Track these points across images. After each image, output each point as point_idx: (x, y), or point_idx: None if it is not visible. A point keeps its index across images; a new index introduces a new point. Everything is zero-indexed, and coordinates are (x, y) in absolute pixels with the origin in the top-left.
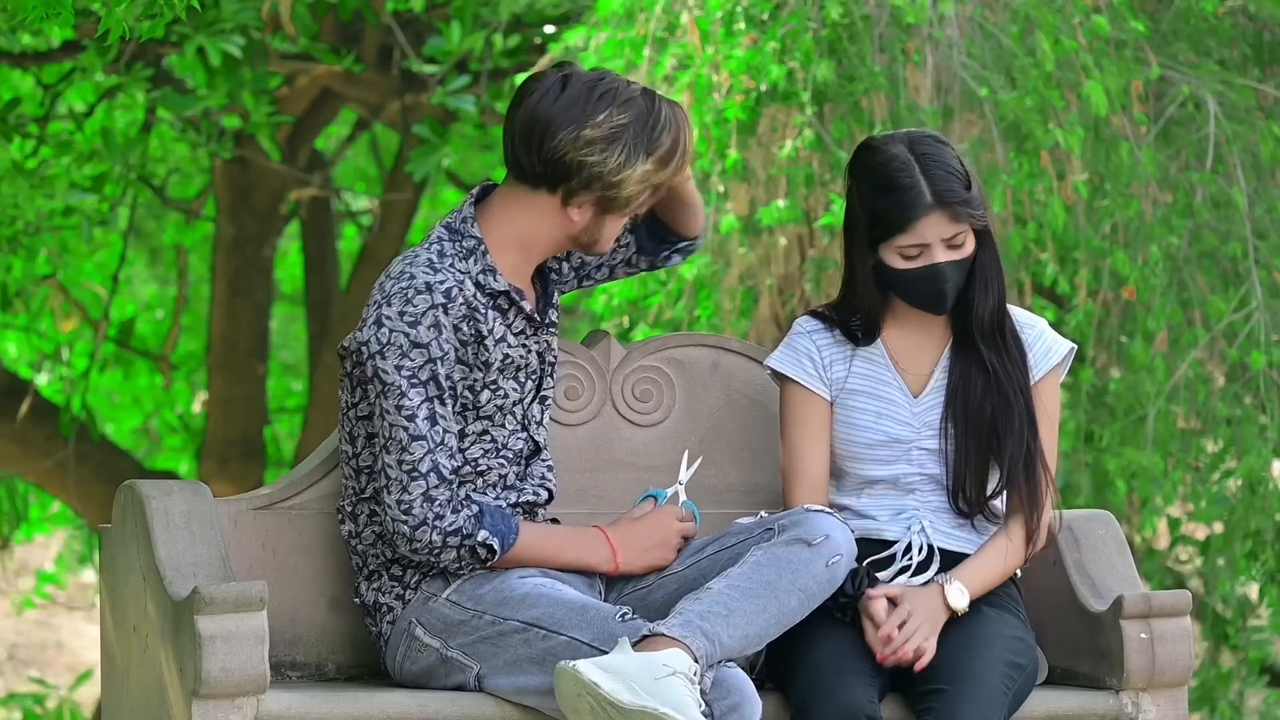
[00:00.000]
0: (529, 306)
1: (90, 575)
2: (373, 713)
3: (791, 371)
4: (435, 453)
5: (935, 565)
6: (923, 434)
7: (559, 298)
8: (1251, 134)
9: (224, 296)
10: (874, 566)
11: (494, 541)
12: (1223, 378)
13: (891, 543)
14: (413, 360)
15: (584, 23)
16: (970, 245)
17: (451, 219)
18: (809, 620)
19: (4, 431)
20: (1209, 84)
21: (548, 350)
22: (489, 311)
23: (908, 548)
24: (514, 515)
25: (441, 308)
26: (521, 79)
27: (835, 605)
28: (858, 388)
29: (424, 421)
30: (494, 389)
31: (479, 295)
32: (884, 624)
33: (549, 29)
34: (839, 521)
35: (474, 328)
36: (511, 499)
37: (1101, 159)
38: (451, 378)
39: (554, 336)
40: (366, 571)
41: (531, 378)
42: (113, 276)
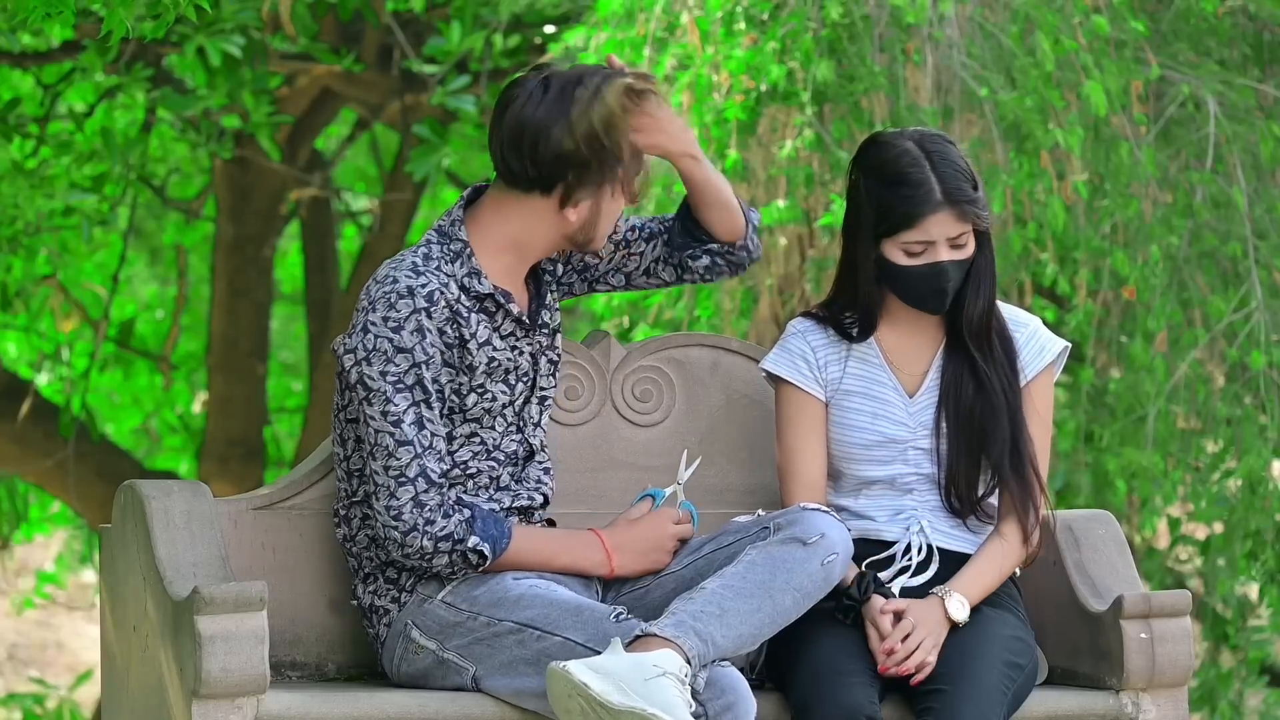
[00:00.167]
0: (516, 309)
1: (90, 575)
2: (372, 713)
3: (786, 373)
4: (423, 457)
5: (934, 565)
6: (918, 434)
7: (556, 300)
8: (1251, 134)
9: (224, 296)
10: (873, 567)
11: (485, 547)
12: (1223, 378)
13: (890, 543)
14: (397, 365)
15: (584, 23)
16: (971, 246)
17: (443, 221)
18: (809, 620)
19: (4, 431)
20: (1209, 84)
21: (544, 352)
22: (472, 315)
23: (907, 548)
24: (507, 519)
25: (424, 311)
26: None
27: (839, 608)
28: (853, 388)
29: (410, 426)
30: (481, 392)
31: (464, 298)
32: (888, 637)
33: (549, 29)
34: (835, 520)
35: (457, 331)
36: (506, 501)
37: (1101, 159)
38: (439, 380)
39: (554, 337)
40: (362, 574)
41: (523, 380)
42: (113, 276)
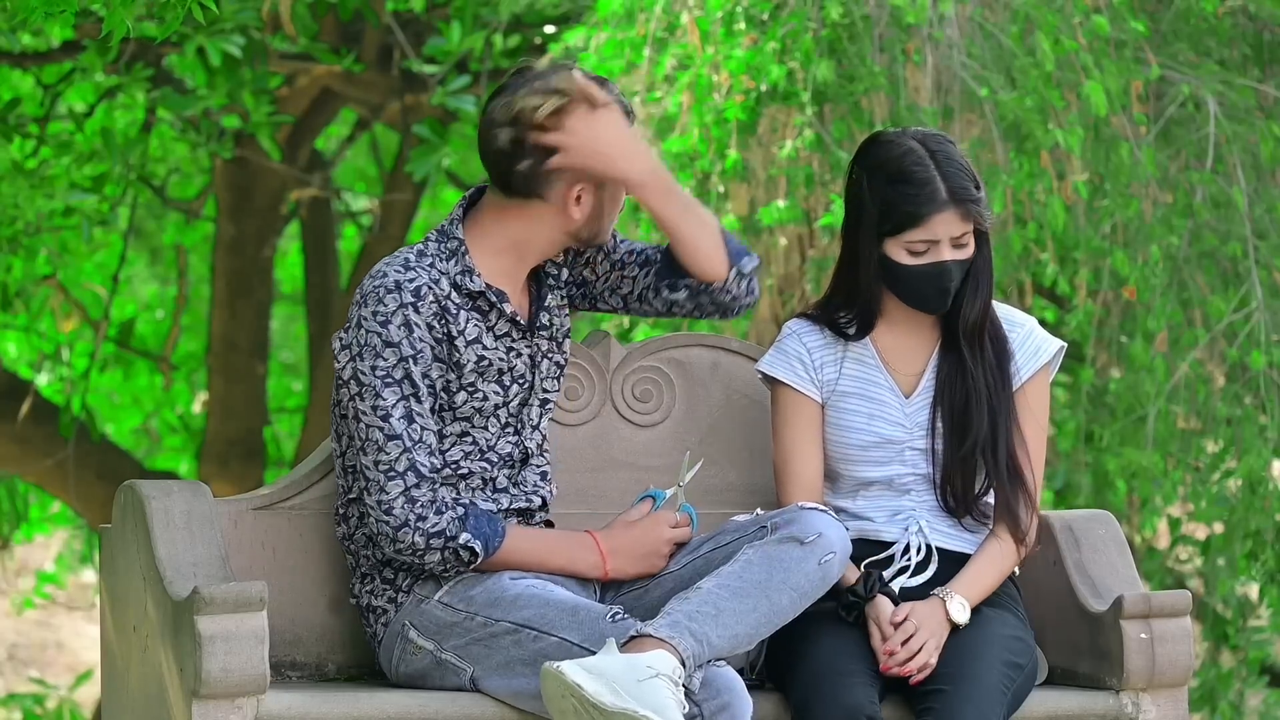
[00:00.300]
0: (510, 309)
1: (90, 575)
2: (372, 713)
3: (782, 375)
4: (412, 451)
5: (933, 565)
6: (915, 434)
7: (562, 304)
8: (1251, 134)
9: (224, 296)
10: (872, 567)
11: (476, 545)
12: (1223, 378)
13: (889, 543)
14: (386, 360)
15: (584, 23)
16: (972, 246)
17: (446, 221)
18: (809, 620)
19: (4, 431)
20: (1209, 84)
21: (545, 354)
22: (462, 312)
23: (906, 548)
24: (502, 519)
25: (411, 306)
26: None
27: (843, 606)
28: (849, 389)
29: (399, 421)
30: (471, 391)
31: (455, 295)
32: (890, 638)
33: (549, 29)
34: (833, 519)
35: (445, 327)
36: (503, 503)
37: (1101, 159)
38: (429, 375)
39: (559, 341)
40: (360, 573)
41: (519, 382)
42: (113, 276)
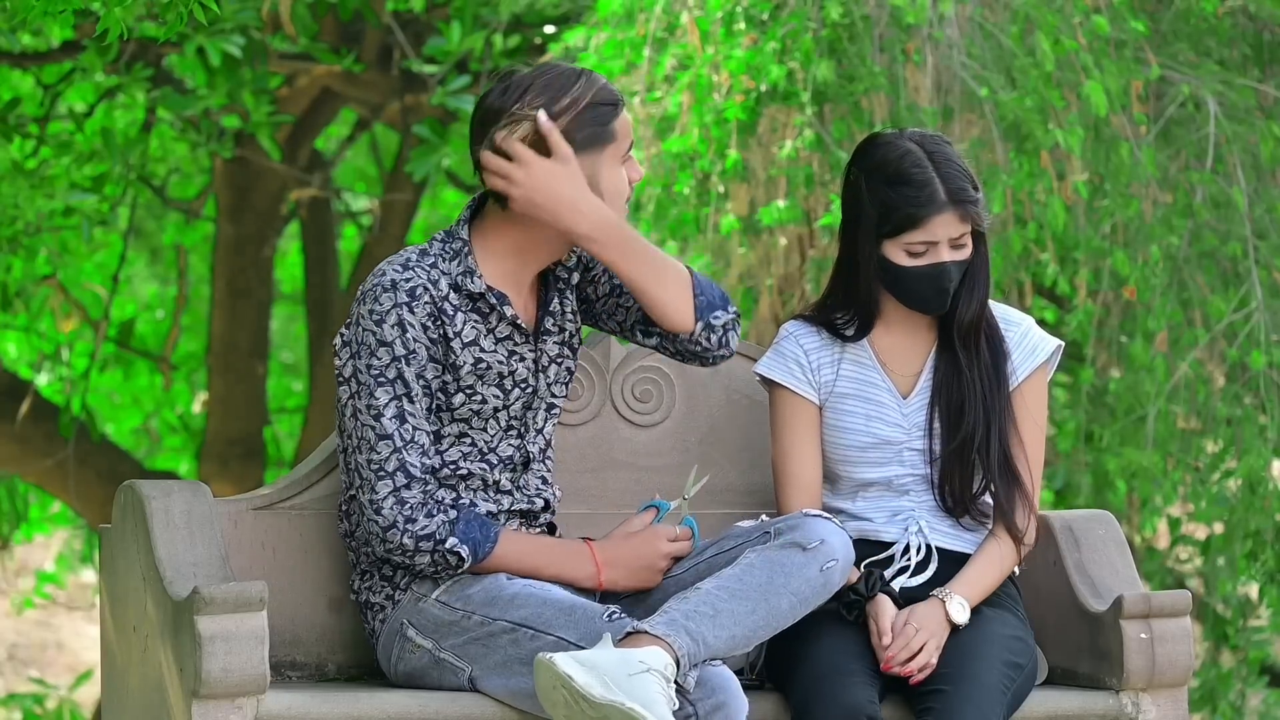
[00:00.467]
0: (511, 312)
1: (90, 575)
2: (372, 713)
3: (780, 377)
4: (402, 451)
5: (933, 565)
6: (912, 435)
7: (573, 310)
8: (1251, 134)
9: (224, 296)
10: (873, 567)
11: (463, 550)
12: (1223, 378)
13: (889, 544)
14: (379, 359)
15: (584, 23)
16: (970, 247)
17: (455, 221)
18: (809, 620)
19: (4, 431)
20: (1209, 84)
21: (552, 359)
22: (459, 314)
23: (906, 548)
24: (498, 524)
25: (406, 306)
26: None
27: (845, 604)
28: (847, 390)
29: (391, 420)
30: (469, 393)
31: (453, 296)
32: (892, 644)
33: (549, 29)
34: (837, 527)
35: (440, 329)
36: (505, 504)
37: (1101, 159)
38: (424, 376)
39: (569, 345)
40: (360, 570)
41: (519, 386)
42: (113, 276)
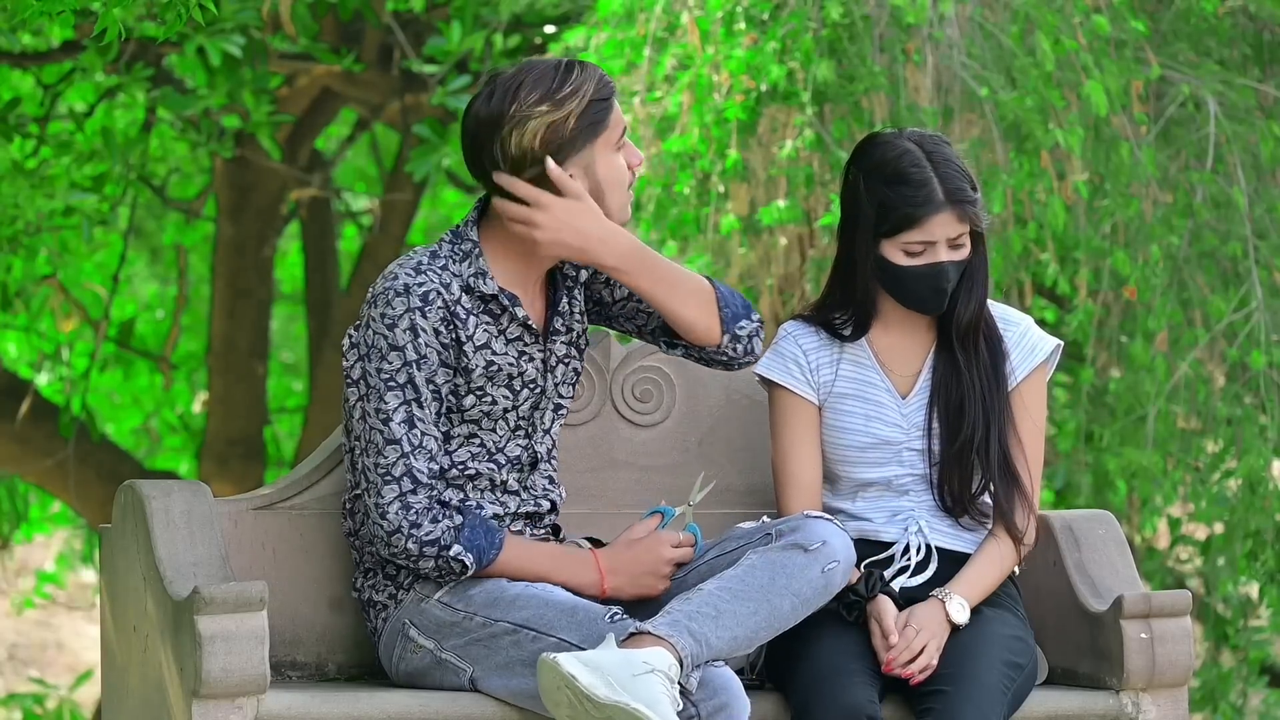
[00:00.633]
0: (523, 313)
1: (90, 575)
2: (373, 713)
3: (779, 377)
4: (410, 456)
5: (933, 565)
6: (911, 435)
7: (580, 310)
8: (1251, 134)
9: (224, 296)
10: (873, 568)
11: (467, 558)
12: (1223, 378)
13: (889, 544)
14: (390, 363)
15: (584, 23)
16: (968, 247)
17: (461, 222)
18: (809, 621)
19: (4, 431)
20: (1209, 84)
21: (560, 359)
22: (471, 317)
23: (905, 548)
24: (502, 529)
25: (419, 310)
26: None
27: (845, 604)
28: (846, 391)
29: (399, 425)
30: (480, 395)
31: (465, 299)
32: (893, 647)
33: (549, 29)
34: (838, 528)
35: (452, 333)
36: (512, 506)
37: (1101, 159)
38: (434, 381)
39: (577, 346)
40: (363, 568)
41: (529, 387)
42: (113, 276)
